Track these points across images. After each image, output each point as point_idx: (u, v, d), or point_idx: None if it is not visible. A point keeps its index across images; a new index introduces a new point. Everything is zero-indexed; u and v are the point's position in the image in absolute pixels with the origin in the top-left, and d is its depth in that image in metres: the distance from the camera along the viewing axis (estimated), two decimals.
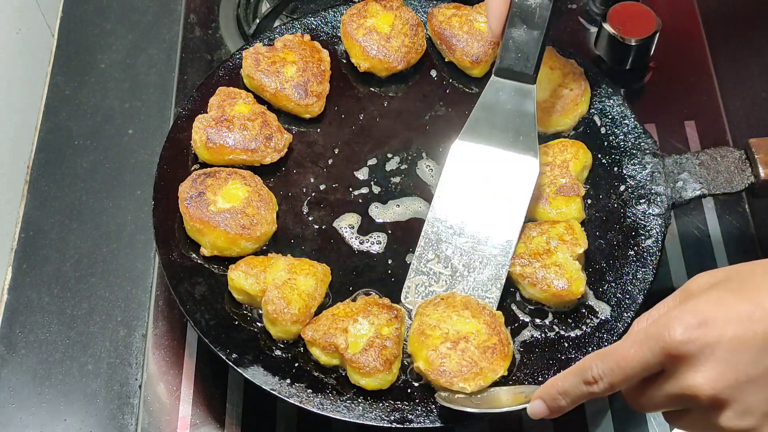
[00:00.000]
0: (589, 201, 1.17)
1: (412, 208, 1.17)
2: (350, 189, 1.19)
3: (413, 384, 1.04)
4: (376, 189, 1.19)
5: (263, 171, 1.18)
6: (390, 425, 1.01)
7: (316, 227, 1.16)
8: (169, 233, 1.13)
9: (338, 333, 1.03)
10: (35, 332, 1.22)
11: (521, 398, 0.91)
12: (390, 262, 1.13)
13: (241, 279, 1.06)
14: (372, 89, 1.27)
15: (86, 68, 1.46)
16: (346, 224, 1.16)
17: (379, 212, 1.17)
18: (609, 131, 1.21)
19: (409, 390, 1.04)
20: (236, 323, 1.07)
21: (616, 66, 1.39)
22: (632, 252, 1.12)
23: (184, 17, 1.47)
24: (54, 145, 1.38)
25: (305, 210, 1.17)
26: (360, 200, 1.18)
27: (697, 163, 1.16)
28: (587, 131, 1.22)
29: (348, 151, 1.22)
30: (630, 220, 1.14)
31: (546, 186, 1.14)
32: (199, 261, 1.12)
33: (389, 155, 1.22)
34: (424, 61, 1.29)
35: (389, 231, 1.16)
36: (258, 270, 1.07)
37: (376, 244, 1.15)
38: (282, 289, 1.05)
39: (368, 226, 1.16)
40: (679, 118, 1.37)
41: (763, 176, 1.12)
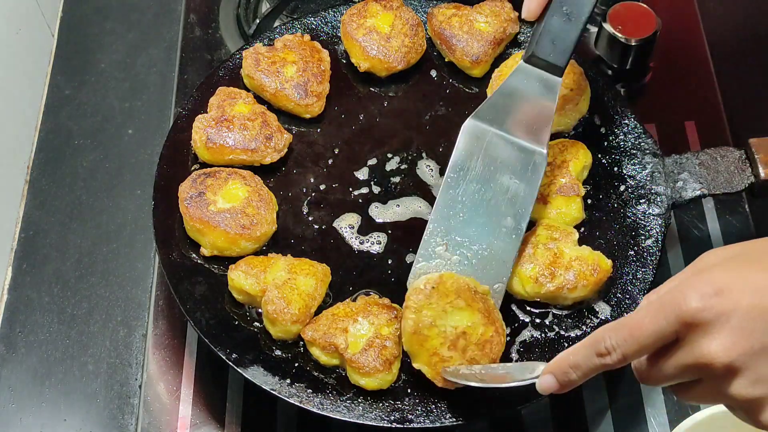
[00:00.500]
0: (589, 201, 1.17)
1: (412, 208, 1.17)
2: (350, 189, 1.19)
3: (413, 384, 1.04)
4: (376, 189, 1.19)
5: (263, 171, 1.18)
6: (390, 425, 1.01)
7: (316, 227, 1.16)
8: (169, 233, 1.13)
9: (338, 333, 1.03)
10: (35, 332, 1.22)
11: (528, 373, 0.90)
12: (390, 262, 1.13)
13: (241, 279, 1.06)
14: (372, 89, 1.27)
15: (86, 68, 1.46)
16: (346, 224, 1.16)
17: (379, 212, 1.17)
18: (609, 131, 1.21)
19: (409, 390, 1.04)
20: (236, 323, 1.07)
21: (616, 66, 1.40)
22: (632, 252, 1.12)
23: (184, 17, 1.47)
24: (54, 145, 1.38)
25: (305, 210, 1.17)
26: (360, 200, 1.18)
27: (697, 163, 1.16)
28: (587, 131, 1.22)
29: (348, 151, 1.22)
30: (630, 220, 1.14)
31: (546, 186, 1.14)
32: (199, 261, 1.12)
33: (389, 155, 1.22)
34: (424, 61, 1.29)
35: (389, 231, 1.16)
36: (258, 270, 1.07)
37: (376, 244, 1.15)
38: (282, 289, 1.05)
39: (368, 226, 1.16)
40: (679, 118, 1.37)
41: (763, 176, 1.12)
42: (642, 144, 1.19)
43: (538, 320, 1.08)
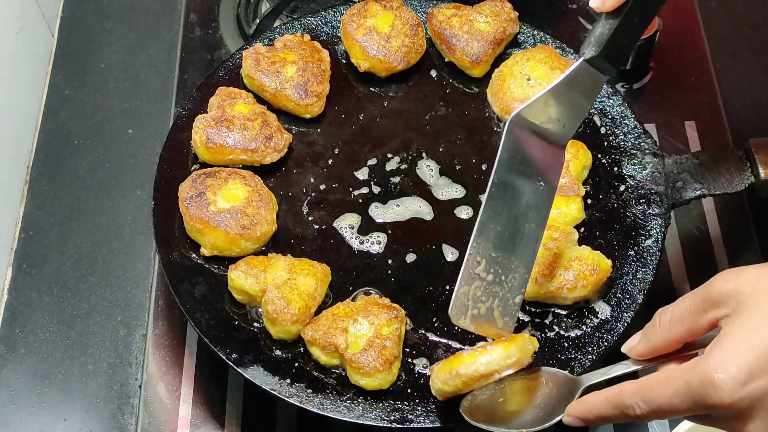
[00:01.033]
0: (589, 201, 1.17)
1: (412, 208, 1.17)
2: (350, 189, 1.19)
3: (413, 384, 1.04)
4: (376, 189, 1.19)
5: (263, 171, 1.18)
6: (390, 425, 1.01)
7: (316, 227, 1.16)
8: (169, 233, 1.13)
9: (338, 333, 1.03)
10: (35, 332, 1.22)
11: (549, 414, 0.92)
12: (390, 262, 1.13)
13: (241, 279, 1.06)
14: (372, 89, 1.27)
15: (86, 68, 1.46)
16: (346, 224, 1.16)
17: (379, 212, 1.17)
18: (609, 131, 1.21)
19: (409, 390, 1.04)
20: (236, 323, 1.07)
21: None
22: (632, 252, 1.12)
23: (184, 17, 1.47)
24: (54, 145, 1.38)
25: (305, 210, 1.17)
26: (360, 200, 1.18)
27: (697, 163, 1.16)
28: (587, 131, 1.22)
29: (348, 151, 1.22)
30: (630, 220, 1.14)
31: None
32: (199, 261, 1.12)
33: (389, 155, 1.22)
34: (424, 61, 1.29)
35: (389, 231, 1.16)
36: (258, 270, 1.07)
37: (376, 244, 1.15)
38: (282, 289, 1.05)
39: (368, 226, 1.16)
40: (679, 118, 1.37)
41: (763, 176, 1.13)
42: (642, 144, 1.19)
43: (538, 320, 1.08)
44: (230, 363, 1.04)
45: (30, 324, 1.23)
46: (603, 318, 1.08)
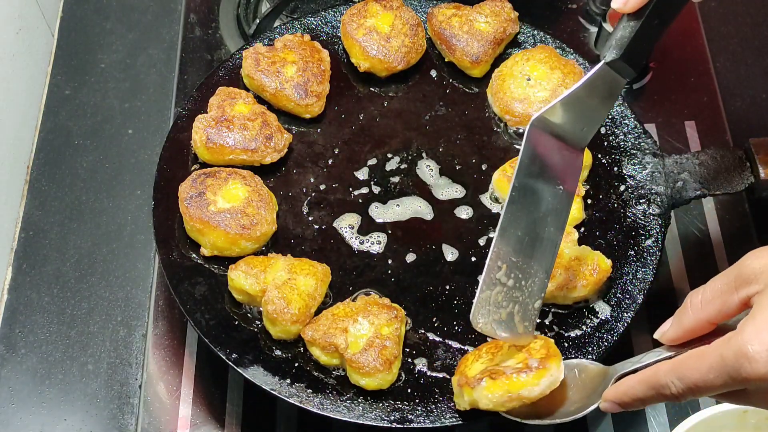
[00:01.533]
0: (589, 201, 1.17)
1: (412, 208, 1.17)
2: (350, 189, 1.19)
3: (413, 384, 1.04)
4: (376, 189, 1.19)
5: (263, 171, 1.18)
6: (390, 425, 1.01)
7: (316, 227, 1.16)
8: (169, 233, 1.13)
9: (338, 333, 1.03)
10: (35, 332, 1.22)
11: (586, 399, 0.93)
12: (390, 262, 1.13)
13: (241, 279, 1.06)
14: (372, 89, 1.27)
15: (86, 68, 1.46)
16: (346, 224, 1.16)
17: (379, 212, 1.17)
18: (609, 131, 1.21)
19: (409, 390, 1.04)
20: (236, 323, 1.07)
21: None
22: (632, 252, 1.12)
23: (184, 17, 1.47)
24: (54, 145, 1.38)
25: (305, 210, 1.17)
26: (360, 200, 1.18)
27: (697, 163, 1.16)
28: None
29: (348, 151, 1.22)
30: (630, 220, 1.14)
31: None
32: (199, 261, 1.12)
33: (389, 155, 1.22)
34: (424, 61, 1.29)
35: (389, 231, 1.16)
36: (258, 270, 1.07)
37: (376, 244, 1.15)
38: (282, 289, 1.05)
39: (368, 226, 1.16)
40: (679, 118, 1.37)
41: (763, 176, 1.12)
42: (642, 144, 1.19)
43: (538, 320, 1.08)
44: (230, 363, 1.04)
45: (30, 324, 1.23)
46: (603, 318, 1.08)
